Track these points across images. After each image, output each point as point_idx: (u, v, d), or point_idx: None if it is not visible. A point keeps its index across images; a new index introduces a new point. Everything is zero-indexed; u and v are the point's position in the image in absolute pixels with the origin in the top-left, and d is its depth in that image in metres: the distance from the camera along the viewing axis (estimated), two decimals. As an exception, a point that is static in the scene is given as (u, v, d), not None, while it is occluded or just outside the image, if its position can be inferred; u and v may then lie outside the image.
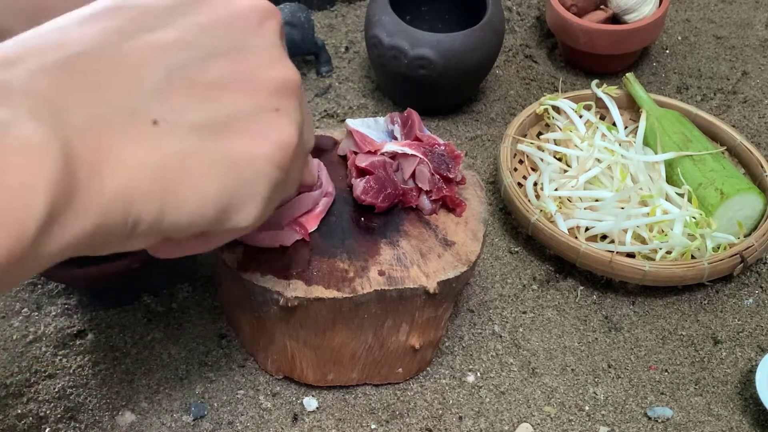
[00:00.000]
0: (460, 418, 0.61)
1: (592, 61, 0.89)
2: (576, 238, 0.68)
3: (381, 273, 0.54)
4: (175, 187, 0.31)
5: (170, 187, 0.31)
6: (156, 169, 0.30)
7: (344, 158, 0.61)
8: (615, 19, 0.89)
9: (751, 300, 0.70)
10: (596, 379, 0.64)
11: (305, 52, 0.86)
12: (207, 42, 0.34)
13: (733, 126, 0.83)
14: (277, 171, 0.35)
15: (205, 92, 0.33)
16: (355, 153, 0.59)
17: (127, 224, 0.30)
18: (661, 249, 0.68)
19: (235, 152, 0.34)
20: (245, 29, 0.35)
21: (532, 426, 0.60)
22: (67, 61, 0.30)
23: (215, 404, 0.60)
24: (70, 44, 0.30)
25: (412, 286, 0.53)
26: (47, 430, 0.58)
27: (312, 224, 0.55)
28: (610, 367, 0.65)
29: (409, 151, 0.58)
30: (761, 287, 0.71)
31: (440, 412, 0.61)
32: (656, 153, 0.74)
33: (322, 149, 0.62)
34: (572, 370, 0.64)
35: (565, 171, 0.74)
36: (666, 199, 0.71)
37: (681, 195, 0.71)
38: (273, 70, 0.35)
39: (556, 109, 0.79)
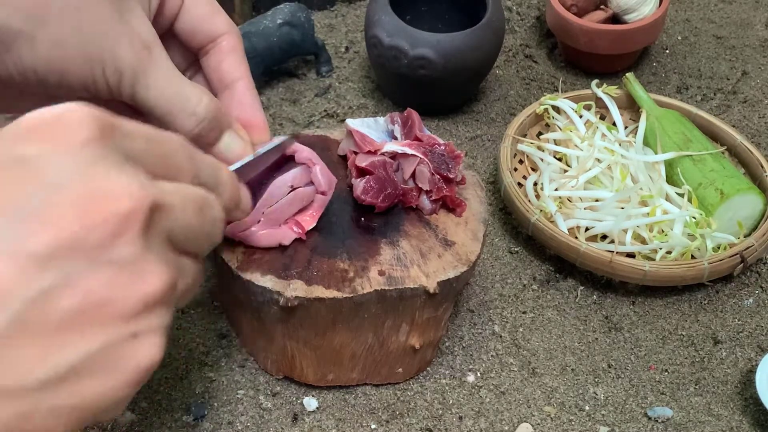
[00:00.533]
0: (460, 418, 0.61)
1: (592, 61, 0.89)
2: (576, 238, 0.68)
3: (381, 273, 0.54)
4: None
5: None
6: None
7: (344, 158, 0.61)
8: (615, 19, 0.89)
9: (751, 300, 0.70)
10: (596, 379, 0.64)
11: (305, 52, 0.86)
12: (51, 275, 0.28)
13: (733, 126, 0.83)
14: (135, 389, 0.32)
15: (48, 340, 0.29)
16: (355, 153, 0.59)
17: None
18: (661, 249, 0.68)
19: (84, 396, 0.30)
20: (98, 245, 0.29)
21: (532, 426, 0.60)
22: None
23: (215, 404, 0.60)
24: None
25: (412, 286, 0.53)
26: (47, 430, 0.58)
27: (309, 223, 0.55)
28: (610, 367, 0.65)
29: (409, 151, 0.58)
30: (761, 287, 0.71)
31: (440, 412, 0.61)
32: (656, 153, 0.74)
33: (321, 148, 0.62)
34: (572, 370, 0.64)
35: (565, 171, 0.74)
36: (666, 199, 0.71)
37: (681, 195, 0.71)
38: (130, 290, 0.30)
39: (556, 109, 0.79)
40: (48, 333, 0.28)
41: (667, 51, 0.95)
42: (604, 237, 0.71)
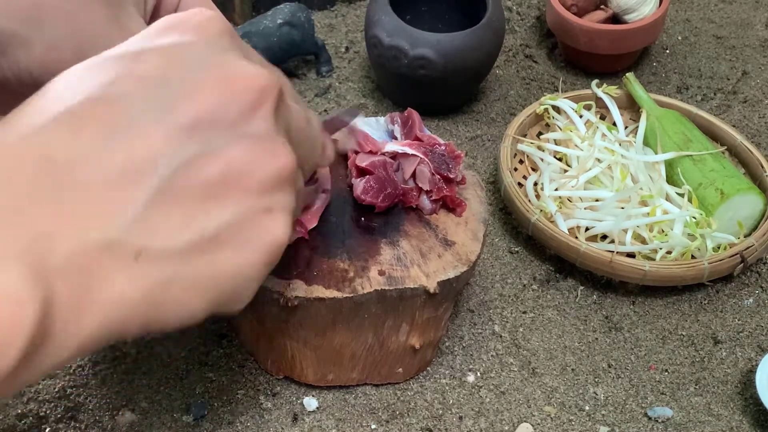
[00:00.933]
0: (461, 417, 0.61)
1: (592, 60, 0.89)
2: (576, 238, 0.68)
3: (381, 273, 0.54)
4: (159, 312, 0.30)
5: (153, 313, 0.30)
6: (138, 301, 0.29)
7: (344, 158, 0.61)
8: (615, 19, 0.89)
9: (751, 300, 0.70)
10: (596, 379, 0.64)
11: (305, 52, 0.86)
12: (195, 145, 0.31)
13: (734, 126, 0.83)
14: (266, 270, 0.34)
15: (192, 206, 0.30)
16: (356, 153, 0.59)
17: (109, 341, 0.30)
18: (661, 249, 0.68)
19: (222, 267, 0.32)
20: (236, 118, 0.32)
21: (533, 426, 0.60)
22: (52, 176, 0.28)
23: (215, 404, 0.60)
24: (54, 153, 0.28)
25: (412, 286, 0.53)
26: (47, 429, 0.58)
27: (311, 222, 0.55)
28: (610, 366, 0.65)
29: (410, 151, 0.58)
30: (761, 287, 0.71)
31: (440, 411, 0.61)
32: (656, 153, 0.74)
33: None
34: (572, 369, 0.64)
35: (566, 171, 0.74)
36: (666, 199, 0.71)
37: (681, 195, 0.71)
38: (265, 163, 0.32)
39: (557, 109, 0.79)
40: (192, 199, 0.30)
41: (667, 51, 0.95)
42: (604, 237, 0.71)
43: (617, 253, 0.66)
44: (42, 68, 0.43)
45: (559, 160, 0.76)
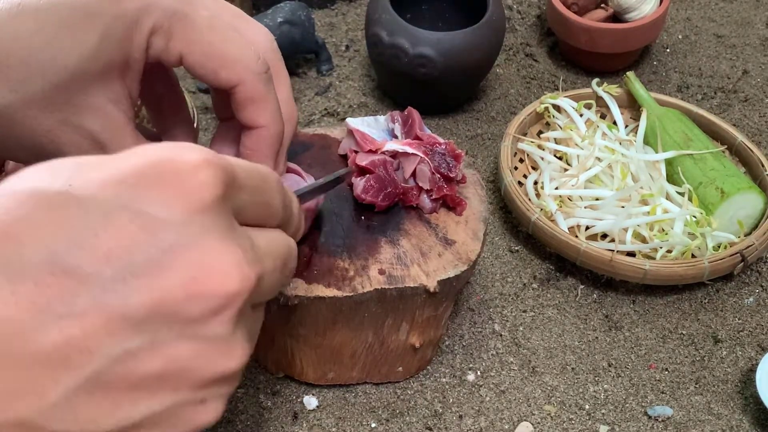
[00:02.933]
0: (461, 416, 0.61)
1: (592, 59, 0.89)
2: (576, 236, 0.68)
3: (381, 272, 0.54)
4: None
5: None
6: None
7: (344, 157, 0.61)
8: (615, 17, 0.89)
9: (751, 299, 0.70)
10: (596, 378, 0.64)
11: (305, 51, 0.86)
12: (140, 338, 0.28)
13: (734, 125, 0.83)
14: None
15: (120, 397, 0.28)
16: (356, 152, 0.59)
17: None
18: (661, 248, 0.68)
19: None
20: (195, 318, 0.29)
21: (533, 425, 0.60)
22: None
23: (215, 403, 0.60)
24: None
25: (412, 285, 0.53)
26: (47, 428, 0.58)
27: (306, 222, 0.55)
28: (610, 365, 0.65)
29: (410, 150, 0.58)
30: (762, 286, 0.71)
31: (440, 410, 0.61)
32: (657, 152, 0.74)
33: (321, 147, 0.62)
34: (572, 368, 0.64)
35: (566, 170, 0.74)
36: (666, 198, 0.71)
37: (681, 194, 0.71)
38: (212, 365, 0.30)
39: (557, 107, 0.79)
40: (122, 390, 0.28)
41: (668, 50, 0.94)
42: (604, 236, 0.71)
43: (617, 252, 0.66)
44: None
45: (560, 158, 0.76)
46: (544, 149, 0.76)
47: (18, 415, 0.26)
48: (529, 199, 0.71)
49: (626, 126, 0.80)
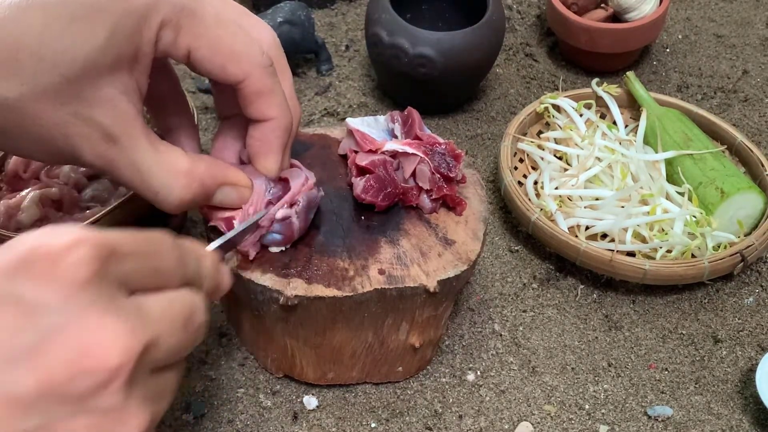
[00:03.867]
0: (460, 416, 0.61)
1: (592, 59, 0.89)
2: (576, 236, 0.68)
3: (381, 272, 0.54)
4: None
5: None
6: None
7: (344, 157, 0.61)
8: (615, 17, 0.89)
9: (751, 299, 0.70)
10: (596, 378, 0.64)
11: (305, 51, 0.86)
12: (35, 419, 0.29)
13: (734, 125, 0.83)
14: None
15: None
16: (356, 152, 0.59)
17: None
18: (661, 248, 0.68)
19: None
20: (85, 393, 0.30)
21: (532, 425, 0.60)
22: None
23: (215, 402, 0.60)
24: None
25: (412, 285, 0.53)
26: (47, 428, 0.58)
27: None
28: (610, 365, 0.65)
29: (410, 150, 0.58)
30: (761, 286, 0.71)
31: (440, 410, 0.61)
32: (657, 152, 0.74)
33: (321, 147, 0.62)
34: (572, 368, 0.64)
35: (566, 170, 0.74)
36: (666, 198, 0.71)
37: (681, 194, 0.71)
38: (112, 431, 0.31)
39: (557, 107, 0.79)
40: None
41: (668, 50, 0.94)
42: (604, 236, 0.71)
43: (617, 251, 0.66)
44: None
45: (560, 158, 0.76)
46: (543, 149, 0.76)
47: None
48: (529, 199, 0.71)
49: (626, 126, 0.80)
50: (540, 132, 0.79)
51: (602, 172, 0.72)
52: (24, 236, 0.32)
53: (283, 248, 0.54)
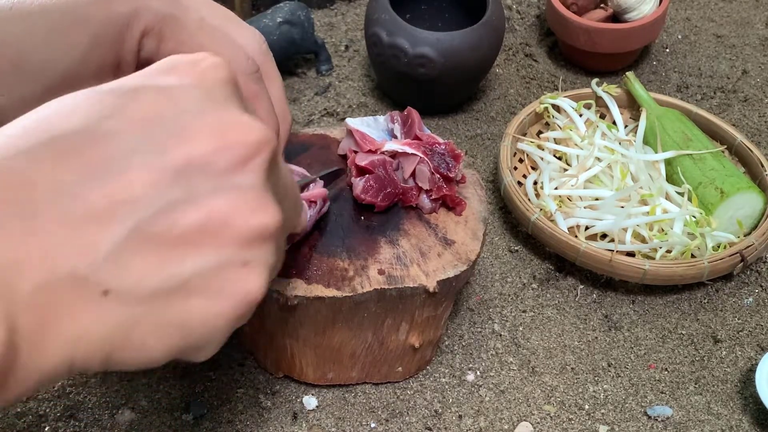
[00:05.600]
0: (460, 416, 0.61)
1: (592, 59, 0.89)
2: (576, 237, 0.68)
3: (381, 272, 0.54)
4: (120, 352, 0.30)
5: (115, 353, 0.29)
6: (101, 340, 0.29)
7: (344, 157, 0.61)
8: (615, 17, 0.89)
9: (751, 299, 0.70)
10: (596, 378, 0.64)
11: (305, 51, 0.86)
12: (179, 190, 0.29)
13: (734, 125, 0.83)
14: (235, 323, 0.32)
15: (167, 251, 0.29)
16: (355, 152, 0.59)
17: (71, 375, 0.29)
18: (661, 248, 0.68)
19: (190, 314, 0.30)
20: (227, 168, 0.31)
21: (532, 425, 0.60)
22: (26, 204, 0.27)
23: (215, 403, 0.60)
24: (33, 180, 0.28)
25: (411, 285, 0.53)
26: (47, 428, 0.58)
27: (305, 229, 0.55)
28: (609, 365, 0.65)
29: (409, 150, 0.58)
30: (761, 286, 0.71)
31: (440, 410, 0.61)
32: (656, 152, 0.74)
33: (321, 147, 0.62)
34: (572, 368, 0.64)
35: (565, 170, 0.74)
36: (666, 198, 0.71)
37: (681, 194, 0.71)
38: (250, 217, 0.31)
39: (556, 107, 0.79)
40: (168, 244, 0.29)
41: (668, 50, 0.94)
42: (604, 236, 0.71)
43: (617, 252, 0.66)
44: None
45: (559, 158, 0.76)
46: (543, 149, 0.76)
47: (72, 270, 0.27)
48: (529, 199, 0.71)
49: (626, 126, 0.80)
50: (540, 132, 0.79)
51: (602, 172, 0.73)
52: (165, 58, 0.34)
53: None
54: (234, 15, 0.49)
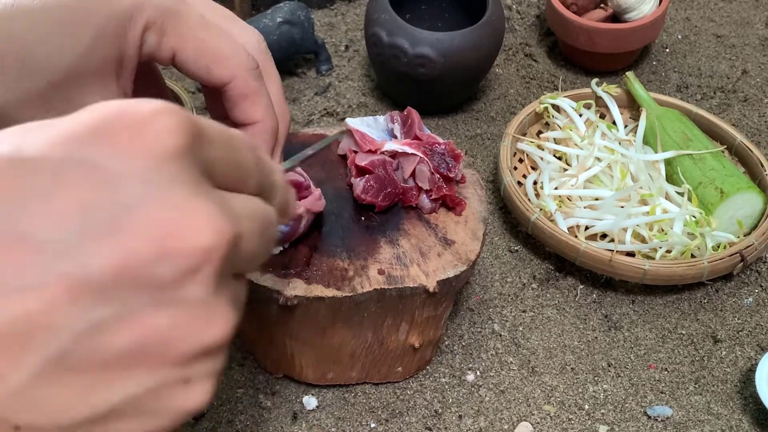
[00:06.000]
0: (460, 416, 0.61)
1: (592, 59, 0.89)
2: (576, 236, 0.68)
3: (381, 272, 0.54)
4: None
5: None
6: None
7: (344, 157, 0.61)
8: (615, 17, 0.89)
9: (750, 299, 0.70)
10: (596, 378, 0.64)
11: (305, 51, 0.86)
12: (107, 308, 0.24)
13: (733, 125, 0.83)
14: (173, 429, 0.28)
15: (91, 378, 0.25)
16: (355, 152, 0.59)
17: None
18: (661, 248, 0.68)
19: None
20: (167, 281, 0.25)
21: (532, 425, 0.60)
22: None
23: (215, 403, 0.60)
24: None
25: (411, 285, 0.53)
26: (47, 428, 0.58)
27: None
28: (609, 365, 0.65)
29: (409, 150, 0.58)
30: (761, 286, 0.71)
31: (440, 410, 0.61)
32: (656, 152, 0.74)
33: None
34: (572, 368, 0.64)
35: (565, 170, 0.74)
36: (666, 198, 0.71)
37: (681, 194, 0.71)
38: (194, 332, 0.26)
39: (556, 107, 0.79)
40: (93, 371, 0.25)
41: (667, 50, 0.94)
42: (603, 236, 0.71)
43: (617, 252, 0.66)
44: None
45: (559, 158, 0.76)
46: (543, 149, 0.76)
47: None
48: (529, 199, 0.71)
49: (626, 126, 0.80)
50: (539, 132, 0.79)
51: (602, 172, 0.72)
52: (99, 104, 0.27)
53: (282, 248, 0.54)
54: (233, 14, 0.50)
